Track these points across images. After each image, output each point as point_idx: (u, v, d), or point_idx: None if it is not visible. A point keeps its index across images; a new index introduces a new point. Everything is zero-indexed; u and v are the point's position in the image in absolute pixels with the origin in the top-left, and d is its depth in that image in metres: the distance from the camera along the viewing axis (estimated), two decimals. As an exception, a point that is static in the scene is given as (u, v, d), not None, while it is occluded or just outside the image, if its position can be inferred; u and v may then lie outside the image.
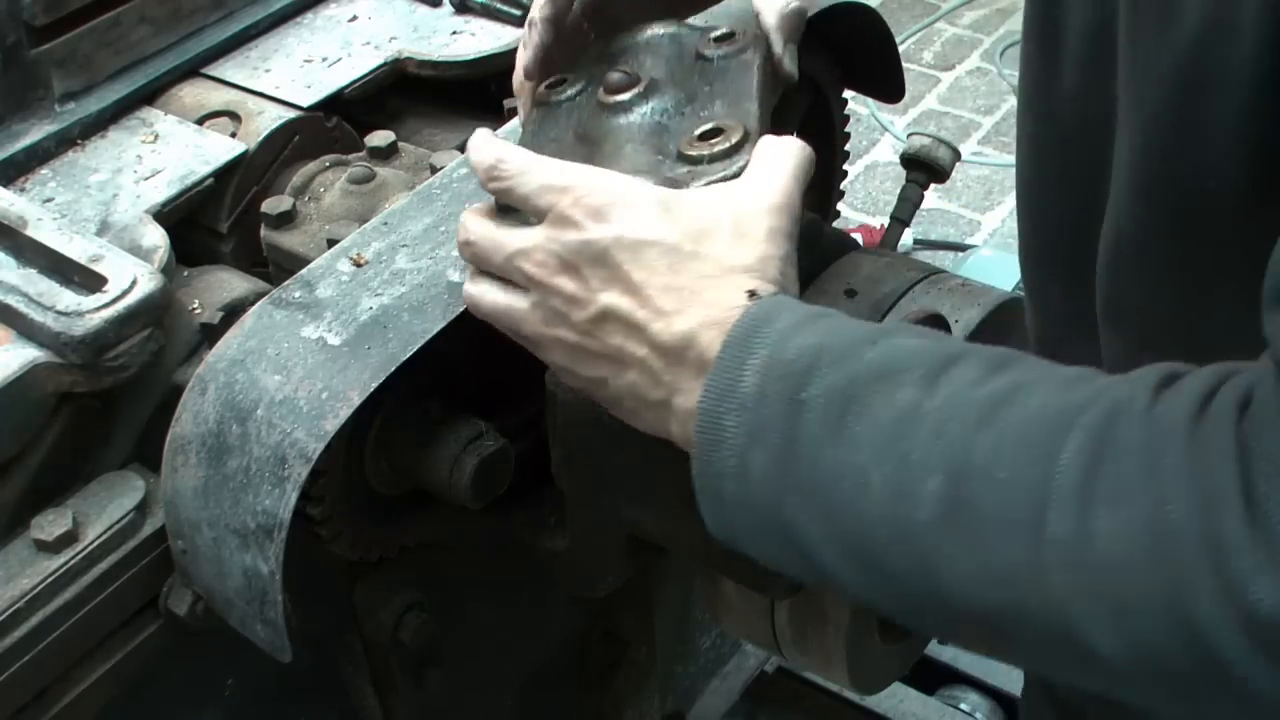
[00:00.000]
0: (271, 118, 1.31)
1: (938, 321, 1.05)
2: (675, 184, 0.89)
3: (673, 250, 0.83)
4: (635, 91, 0.98)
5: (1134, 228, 0.78)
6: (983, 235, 3.43)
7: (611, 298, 0.83)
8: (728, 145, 0.90)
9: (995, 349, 0.75)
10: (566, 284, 0.85)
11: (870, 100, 2.67)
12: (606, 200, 0.84)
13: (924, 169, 1.58)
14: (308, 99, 1.34)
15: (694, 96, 0.99)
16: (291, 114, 1.33)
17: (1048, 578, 0.66)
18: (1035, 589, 0.67)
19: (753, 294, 0.81)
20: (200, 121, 1.32)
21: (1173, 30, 0.70)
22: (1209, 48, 0.68)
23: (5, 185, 1.21)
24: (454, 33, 1.42)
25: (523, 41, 1.03)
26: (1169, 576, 0.62)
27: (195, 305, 1.13)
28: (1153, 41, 0.72)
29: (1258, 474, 0.61)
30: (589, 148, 0.97)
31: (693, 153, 0.91)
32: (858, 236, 2.04)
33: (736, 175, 0.88)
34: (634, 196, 0.84)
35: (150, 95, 1.34)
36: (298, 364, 1.00)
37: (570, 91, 1.02)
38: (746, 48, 0.99)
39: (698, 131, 0.93)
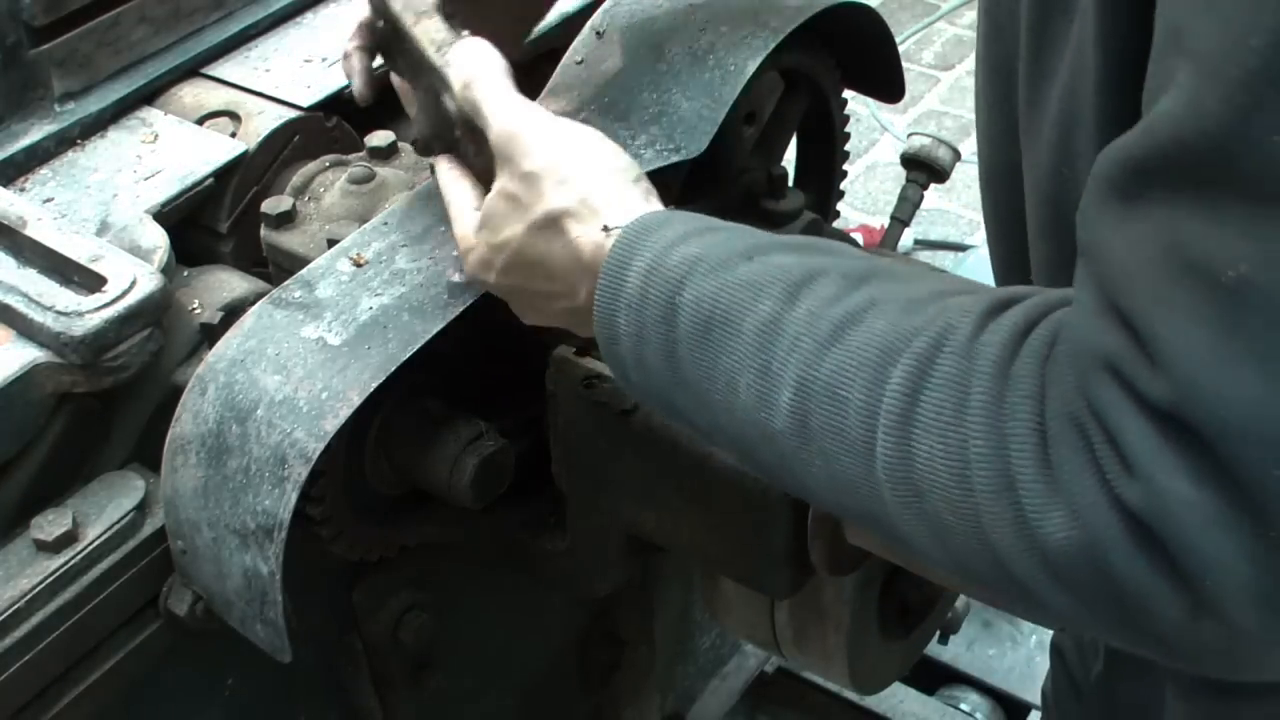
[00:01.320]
0: (271, 118, 1.31)
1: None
2: None
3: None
4: None
5: (1041, 263, 0.83)
6: (983, 235, 3.43)
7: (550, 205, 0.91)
8: None
9: (862, 258, 0.80)
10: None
11: (870, 100, 2.66)
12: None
13: (924, 169, 1.58)
14: (308, 99, 1.34)
15: None
16: (291, 114, 1.32)
17: (882, 492, 0.72)
18: (875, 500, 0.73)
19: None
20: (200, 121, 1.32)
21: (1048, 80, 0.74)
22: (1073, 94, 0.72)
23: (5, 185, 1.20)
24: (454, 33, 1.42)
25: (346, 73, 1.13)
26: (973, 506, 0.67)
27: (195, 305, 1.13)
28: (1034, 91, 0.76)
29: (1051, 416, 0.64)
30: None
31: None
32: (858, 236, 2.04)
33: None
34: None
35: (150, 95, 1.34)
36: (298, 364, 1.00)
37: None
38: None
39: None
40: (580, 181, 0.90)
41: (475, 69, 0.98)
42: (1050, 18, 0.73)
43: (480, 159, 0.98)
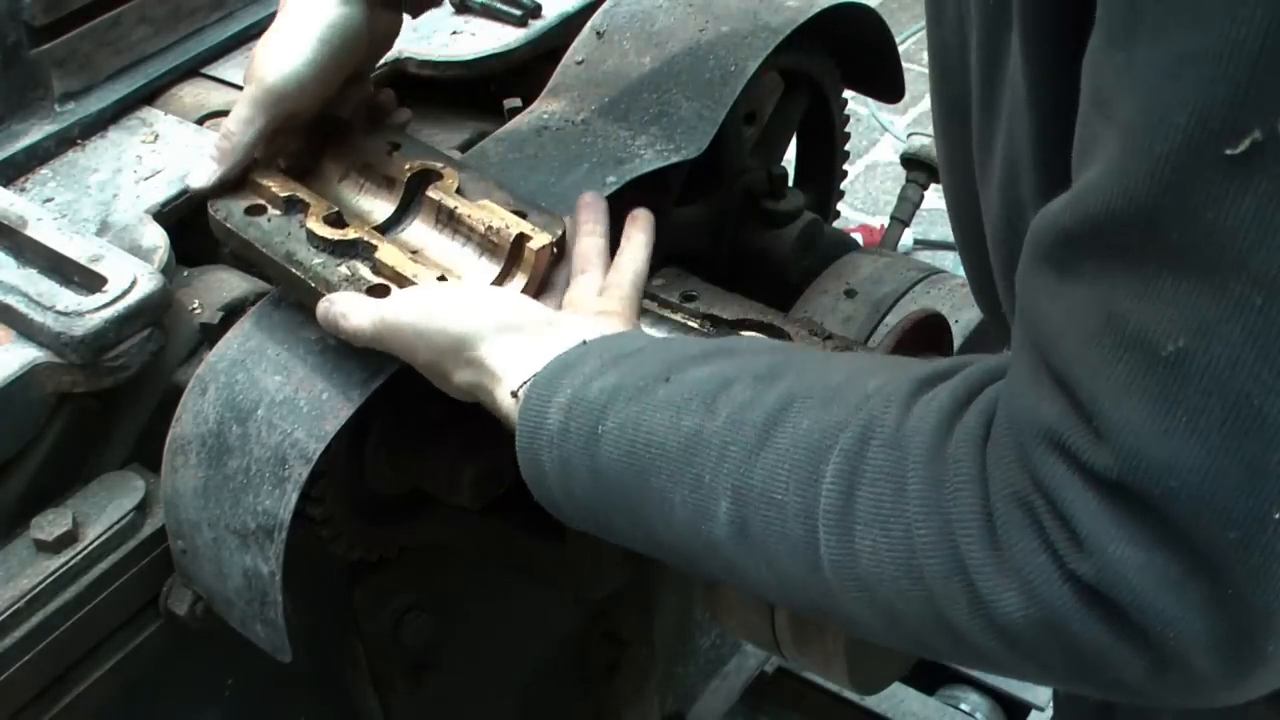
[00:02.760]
0: (271, 118, 1.31)
1: (938, 321, 1.05)
2: None
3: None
4: None
5: (1006, 294, 0.83)
6: (983, 235, 3.43)
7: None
8: None
9: (770, 352, 0.83)
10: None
11: (870, 100, 2.66)
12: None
13: (924, 169, 1.58)
14: (308, 99, 1.34)
15: None
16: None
17: (830, 589, 0.73)
18: (824, 597, 0.74)
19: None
20: (200, 121, 1.32)
21: (994, 125, 0.74)
22: (1013, 142, 0.72)
23: (5, 185, 1.20)
24: (454, 33, 1.42)
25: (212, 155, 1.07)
26: (926, 591, 0.68)
27: (195, 305, 1.13)
28: (985, 133, 0.76)
29: (996, 499, 0.65)
30: None
31: None
32: (858, 236, 2.04)
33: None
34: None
35: (150, 95, 1.34)
36: (298, 364, 1.00)
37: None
38: None
39: None
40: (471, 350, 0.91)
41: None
42: (996, 63, 0.72)
43: None
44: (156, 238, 1.14)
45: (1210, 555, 0.59)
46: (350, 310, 0.95)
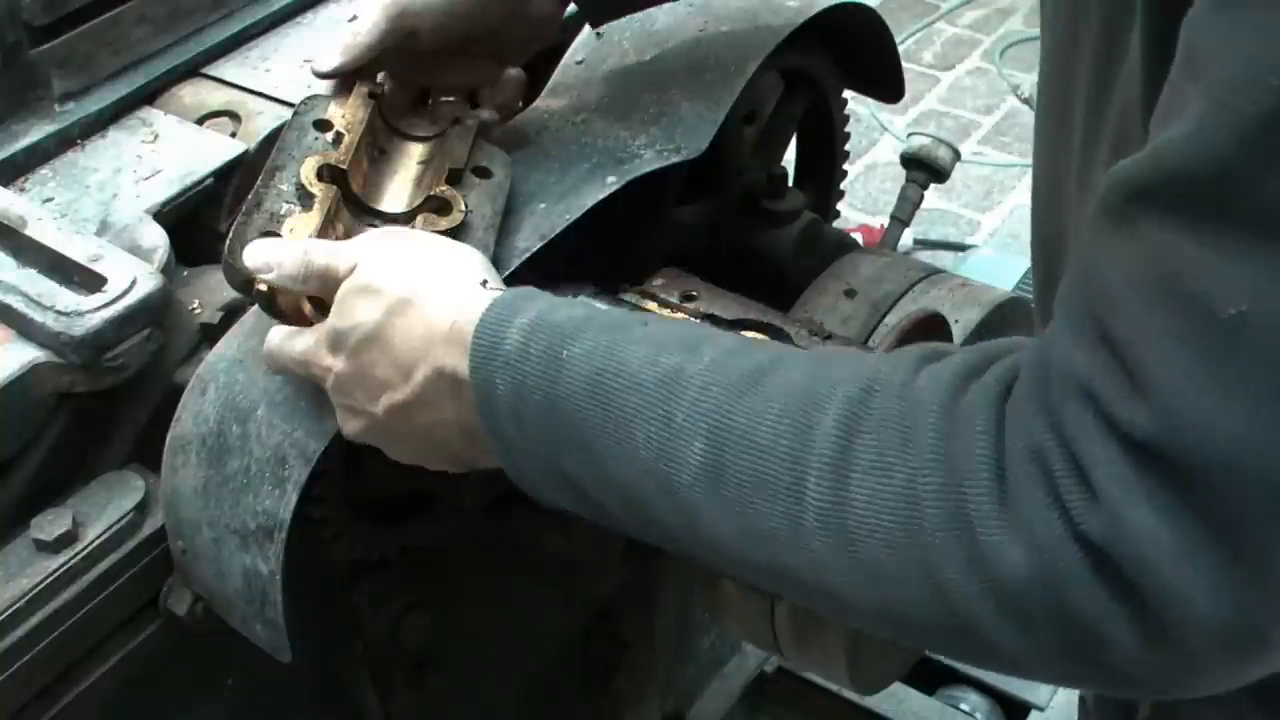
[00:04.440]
0: (271, 118, 1.31)
1: (938, 321, 1.05)
2: None
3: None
4: None
5: None
6: (983, 235, 3.43)
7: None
8: None
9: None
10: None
11: (870, 100, 2.67)
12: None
13: (924, 169, 1.58)
14: (308, 99, 1.34)
15: None
16: (291, 114, 1.32)
17: (807, 540, 0.69)
18: (795, 549, 0.70)
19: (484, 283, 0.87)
20: (200, 121, 1.32)
21: (1100, 120, 0.73)
22: (1125, 132, 0.70)
23: (5, 185, 1.20)
24: (454, 33, 1.42)
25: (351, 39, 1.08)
26: (921, 544, 0.65)
27: (195, 305, 1.13)
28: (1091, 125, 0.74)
29: (1010, 453, 0.63)
30: None
31: None
32: (858, 236, 2.04)
33: None
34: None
35: (150, 95, 1.34)
36: (298, 364, 1.00)
37: None
38: None
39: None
40: (431, 269, 0.89)
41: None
42: (1110, 69, 0.71)
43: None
44: (156, 238, 1.14)
45: (1232, 527, 0.58)
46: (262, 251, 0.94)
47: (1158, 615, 0.60)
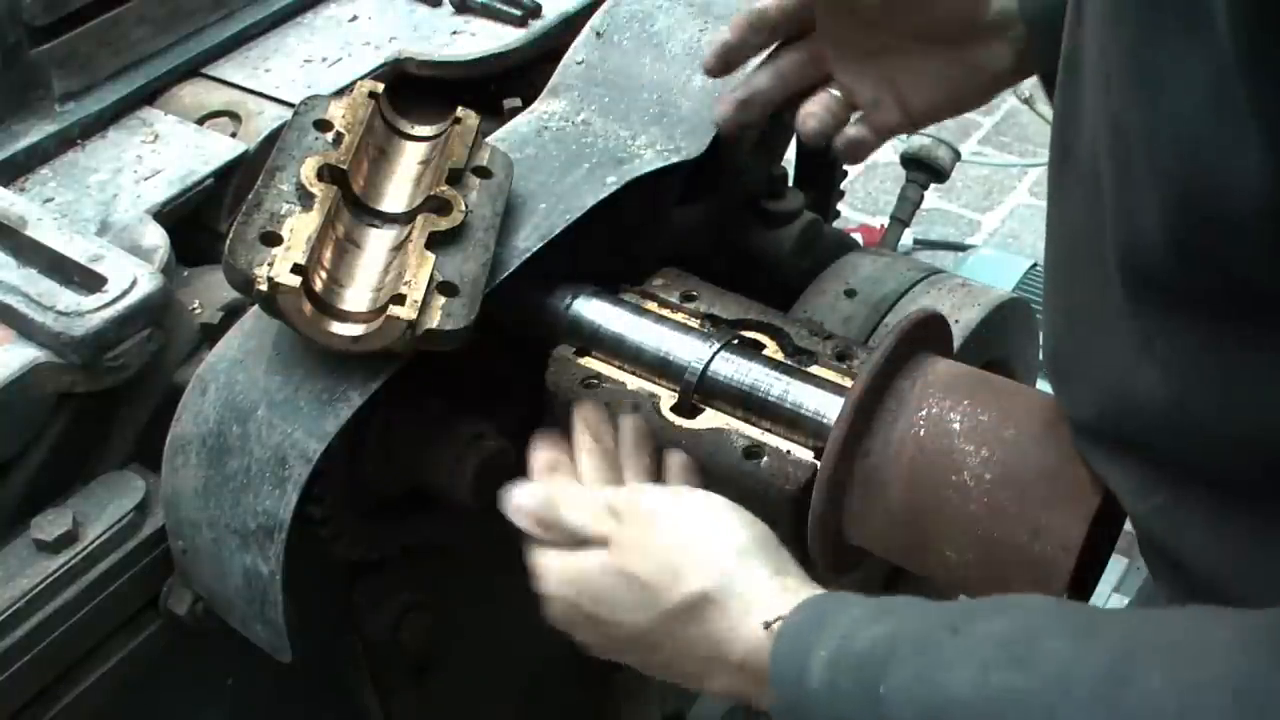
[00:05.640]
0: (271, 118, 1.31)
1: (938, 322, 1.05)
2: None
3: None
4: None
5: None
6: (983, 235, 3.43)
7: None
8: None
9: (1071, 607, 0.73)
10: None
11: (870, 100, 2.68)
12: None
13: (924, 169, 1.58)
14: (308, 99, 1.34)
15: None
16: (291, 114, 1.32)
17: None
18: None
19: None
20: (200, 121, 1.32)
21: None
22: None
23: (5, 185, 1.20)
24: (454, 33, 1.42)
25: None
26: None
27: (195, 305, 1.13)
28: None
29: None
30: None
31: None
32: (858, 236, 2.04)
33: None
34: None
35: (150, 95, 1.34)
36: (298, 364, 1.00)
37: None
38: None
39: None
40: (717, 564, 0.84)
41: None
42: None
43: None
44: (156, 238, 1.14)
45: None
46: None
47: None
